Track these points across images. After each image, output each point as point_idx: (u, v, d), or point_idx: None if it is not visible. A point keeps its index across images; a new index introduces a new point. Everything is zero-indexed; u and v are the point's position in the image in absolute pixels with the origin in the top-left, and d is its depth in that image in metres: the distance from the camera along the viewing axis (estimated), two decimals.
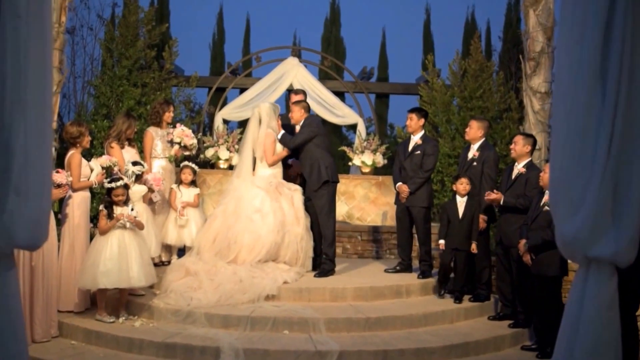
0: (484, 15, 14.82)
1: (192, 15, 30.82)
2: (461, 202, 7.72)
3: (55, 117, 9.23)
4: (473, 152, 7.97)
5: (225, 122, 12.39)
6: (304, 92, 9.00)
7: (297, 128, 8.42)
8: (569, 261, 6.35)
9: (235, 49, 15.46)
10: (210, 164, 11.67)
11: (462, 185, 7.74)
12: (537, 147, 8.14)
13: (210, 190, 11.14)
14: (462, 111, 11.16)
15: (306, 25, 17.83)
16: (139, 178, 7.62)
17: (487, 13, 14.93)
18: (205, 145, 11.47)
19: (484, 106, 11.05)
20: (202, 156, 11.56)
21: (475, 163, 7.89)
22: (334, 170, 8.26)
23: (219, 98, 12.69)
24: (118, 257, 6.74)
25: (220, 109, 12.34)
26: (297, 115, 8.41)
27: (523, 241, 6.69)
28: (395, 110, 15.18)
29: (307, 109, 8.53)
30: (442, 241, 7.69)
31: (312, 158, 8.14)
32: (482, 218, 7.71)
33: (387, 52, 15.80)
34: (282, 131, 8.34)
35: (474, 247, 7.59)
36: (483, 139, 8.00)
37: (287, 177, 8.44)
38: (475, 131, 7.98)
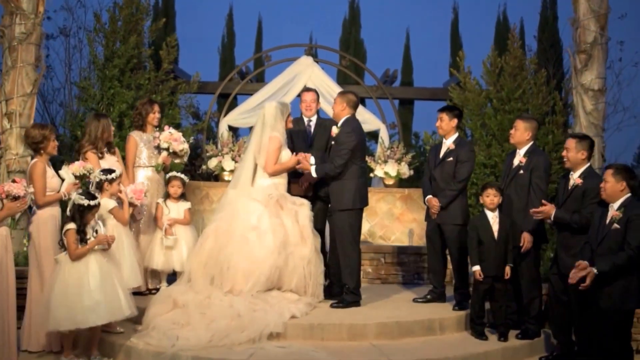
0: (517, 13, 14.00)
1: (200, 17, 30.03)
2: (494, 218, 6.58)
3: (31, 122, 8.06)
4: (519, 158, 6.75)
5: (232, 129, 11.27)
6: (315, 92, 7.73)
7: (334, 130, 7.12)
8: None
9: (247, 53, 14.66)
10: (213, 176, 10.53)
11: (489, 197, 6.57)
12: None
13: (214, 206, 9.98)
14: (499, 114, 9.93)
15: (323, 26, 17.14)
16: (99, 187, 6.38)
17: (520, 11, 14.02)
18: (208, 154, 10.33)
19: (524, 108, 9.88)
20: (204, 167, 10.43)
21: (522, 171, 6.68)
22: (364, 193, 7.11)
23: (229, 105, 11.62)
24: (104, 286, 5.67)
25: (225, 115, 11.19)
26: (338, 109, 7.09)
27: (584, 264, 5.55)
28: (419, 118, 14.43)
29: (354, 104, 7.16)
30: (476, 267, 6.50)
31: (341, 173, 6.96)
32: (526, 238, 6.47)
33: (411, 54, 15.01)
34: (312, 158, 7.08)
35: (507, 271, 6.47)
36: (531, 143, 6.79)
37: (295, 191, 7.21)
38: (521, 133, 6.76)
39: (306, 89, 7.77)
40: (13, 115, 7.96)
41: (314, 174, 6.99)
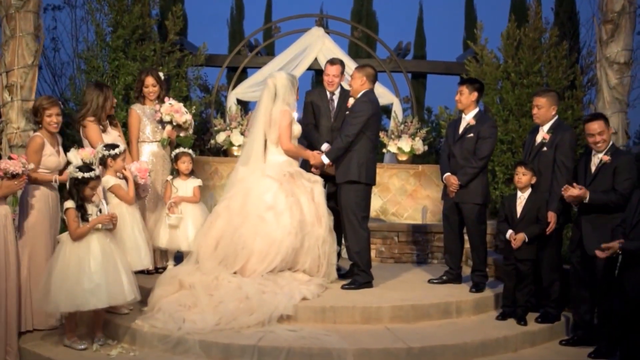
0: None
1: None
2: (521, 198, 6.33)
3: (33, 95, 7.77)
4: (542, 134, 6.43)
5: (241, 103, 10.94)
6: (341, 62, 7.31)
7: (350, 101, 6.90)
8: None
9: (256, 25, 14.15)
10: (222, 151, 10.25)
11: (518, 175, 6.32)
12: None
13: (223, 182, 9.70)
14: (517, 89, 9.56)
15: None
16: (103, 163, 6.08)
17: None
18: (215, 129, 10.03)
19: (543, 82, 9.50)
20: (212, 142, 10.13)
21: (545, 148, 6.37)
22: (372, 169, 6.80)
23: (238, 78, 11.30)
24: (105, 269, 5.39)
25: (234, 88, 10.87)
26: (357, 84, 6.79)
27: (616, 243, 5.32)
28: (432, 93, 13.95)
29: (373, 78, 6.88)
30: (510, 231, 6.27)
31: (352, 143, 6.67)
32: (552, 216, 6.16)
33: (424, 28, 14.46)
34: (324, 145, 6.88)
35: (519, 237, 6.20)
36: (556, 118, 6.46)
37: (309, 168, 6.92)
38: (546, 110, 6.44)
39: (330, 61, 7.30)
40: (14, 88, 7.66)
41: (325, 161, 6.71)
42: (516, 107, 9.38)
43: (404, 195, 10.15)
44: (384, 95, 10.84)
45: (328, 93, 7.18)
